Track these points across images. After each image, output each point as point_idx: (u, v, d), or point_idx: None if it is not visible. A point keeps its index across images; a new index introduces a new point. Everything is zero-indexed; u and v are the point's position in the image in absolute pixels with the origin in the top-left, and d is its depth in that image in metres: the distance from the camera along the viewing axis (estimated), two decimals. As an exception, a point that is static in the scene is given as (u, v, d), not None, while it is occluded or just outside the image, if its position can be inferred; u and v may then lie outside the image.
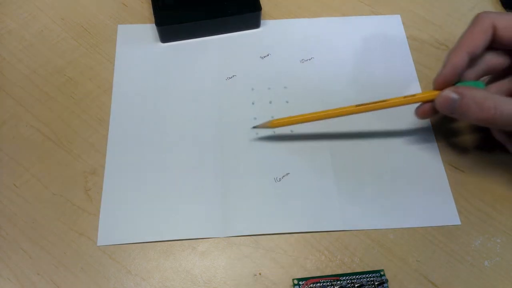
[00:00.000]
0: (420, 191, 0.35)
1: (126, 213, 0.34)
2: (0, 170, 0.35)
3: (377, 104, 0.34)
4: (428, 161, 0.37)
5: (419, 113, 0.35)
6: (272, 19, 0.44)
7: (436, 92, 0.33)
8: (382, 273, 0.32)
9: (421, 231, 0.34)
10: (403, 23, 0.44)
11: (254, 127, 0.37)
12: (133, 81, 0.40)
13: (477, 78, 0.34)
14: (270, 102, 0.39)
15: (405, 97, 0.34)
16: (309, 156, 0.37)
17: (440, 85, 0.33)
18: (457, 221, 0.34)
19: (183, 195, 0.35)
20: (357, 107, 0.34)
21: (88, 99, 0.39)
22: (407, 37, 0.43)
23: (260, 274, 0.32)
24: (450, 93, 0.32)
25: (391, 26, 0.44)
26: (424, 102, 0.34)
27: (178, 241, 0.33)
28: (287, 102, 0.39)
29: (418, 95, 0.34)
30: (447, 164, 0.36)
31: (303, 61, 0.41)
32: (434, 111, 0.34)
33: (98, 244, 0.33)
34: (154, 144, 0.37)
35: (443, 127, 0.38)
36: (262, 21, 0.43)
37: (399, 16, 0.44)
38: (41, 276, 0.32)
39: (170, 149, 0.37)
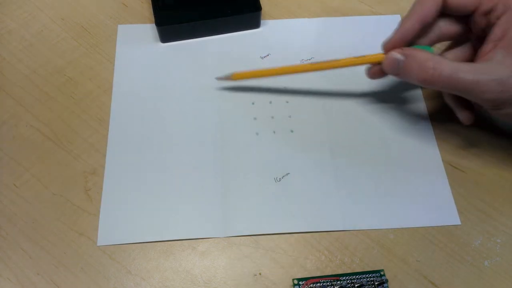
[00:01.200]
0: (420, 191, 0.35)
1: (126, 213, 0.34)
2: (0, 170, 0.35)
3: (330, 63, 0.36)
4: (428, 161, 0.37)
5: (370, 74, 0.36)
6: (272, 19, 0.44)
7: (384, 55, 0.35)
8: (382, 273, 0.32)
9: (421, 231, 0.34)
10: (403, 23, 0.44)
11: (217, 78, 0.39)
12: (133, 81, 0.40)
13: (431, 44, 0.35)
14: (270, 102, 0.39)
15: (356, 57, 0.36)
16: (309, 156, 0.37)
17: (389, 49, 0.34)
18: (457, 221, 0.34)
19: (183, 195, 0.35)
20: (311, 65, 0.37)
21: (88, 99, 0.39)
22: (407, 37, 0.43)
23: (260, 274, 0.32)
24: (395, 54, 0.33)
25: (391, 26, 0.43)
26: (374, 64, 0.36)
27: (178, 241, 0.33)
28: (287, 102, 0.39)
29: (367, 56, 0.36)
30: (447, 164, 0.36)
31: (303, 61, 0.41)
32: (383, 72, 0.35)
33: (98, 244, 0.33)
34: (154, 144, 0.37)
35: (443, 126, 0.38)
36: (262, 21, 0.43)
37: (399, 16, 0.44)
38: (41, 276, 0.32)
39: (170, 149, 0.37)
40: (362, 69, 0.40)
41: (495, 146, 0.37)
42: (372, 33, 0.43)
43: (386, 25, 0.43)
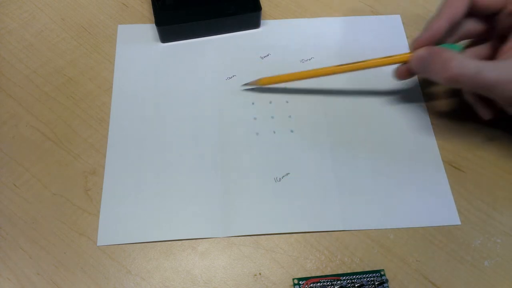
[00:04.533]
0: (420, 191, 0.35)
1: (126, 213, 0.34)
2: (0, 170, 0.35)
3: (357, 64, 0.36)
4: (428, 161, 0.37)
5: (397, 74, 0.37)
6: (272, 19, 0.44)
7: (411, 53, 0.35)
8: (382, 273, 0.32)
9: (421, 231, 0.34)
10: (403, 23, 0.44)
11: (244, 84, 0.39)
12: (133, 81, 0.40)
13: (456, 42, 0.36)
14: (270, 102, 0.39)
15: (383, 57, 0.36)
16: (309, 156, 0.37)
17: (417, 48, 0.35)
18: (457, 221, 0.34)
19: (183, 195, 0.35)
20: (339, 67, 0.37)
21: (88, 99, 0.39)
22: (407, 37, 0.43)
23: (260, 274, 0.32)
24: (422, 52, 0.34)
25: (391, 26, 0.44)
26: (402, 64, 0.36)
27: (178, 241, 0.33)
28: (287, 102, 0.39)
29: (395, 56, 0.36)
30: (447, 164, 0.36)
31: (303, 61, 0.41)
32: (411, 72, 0.36)
33: (98, 244, 0.33)
34: (154, 144, 0.37)
35: (443, 126, 0.38)
36: (262, 21, 0.43)
37: (399, 16, 0.44)
38: (41, 276, 0.32)
39: (170, 149, 0.37)
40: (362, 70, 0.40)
41: (495, 146, 0.37)
42: (372, 33, 0.43)
43: (386, 25, 0.44)
